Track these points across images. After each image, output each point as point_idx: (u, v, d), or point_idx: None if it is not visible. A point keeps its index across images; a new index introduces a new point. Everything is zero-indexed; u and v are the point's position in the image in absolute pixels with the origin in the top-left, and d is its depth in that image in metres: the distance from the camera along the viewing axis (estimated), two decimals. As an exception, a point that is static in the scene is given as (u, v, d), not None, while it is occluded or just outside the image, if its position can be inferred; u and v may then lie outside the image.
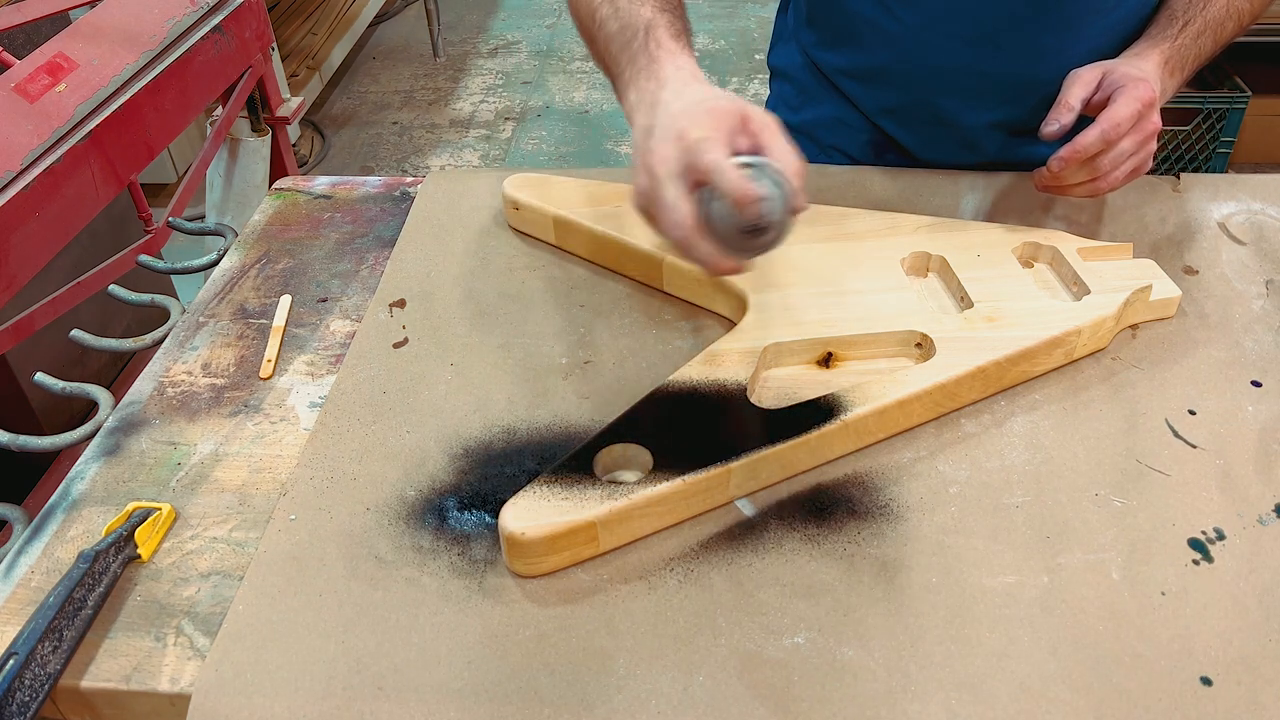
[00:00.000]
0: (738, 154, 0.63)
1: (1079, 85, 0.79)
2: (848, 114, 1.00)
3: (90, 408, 0.78)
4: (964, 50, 0.89)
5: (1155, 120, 0.77)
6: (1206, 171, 2.42)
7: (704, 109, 0.63)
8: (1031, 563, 0.62)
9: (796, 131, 1.05)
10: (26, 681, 0.53)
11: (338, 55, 3.00)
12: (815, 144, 1.04)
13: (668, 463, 0.63)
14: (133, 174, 1.23)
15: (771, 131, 0.64)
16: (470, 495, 0.67)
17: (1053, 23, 0.87)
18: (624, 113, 0.71)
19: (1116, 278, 0.78)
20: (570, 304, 0.83)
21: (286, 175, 1.43)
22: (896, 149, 1.00)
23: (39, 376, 0.82)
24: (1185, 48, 0.83)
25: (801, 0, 1.01)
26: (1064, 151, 0.76)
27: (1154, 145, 0.78)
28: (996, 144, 0.96)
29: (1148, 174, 0.91)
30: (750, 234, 0.62)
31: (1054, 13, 0.86)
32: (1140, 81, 0.76)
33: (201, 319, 0.85)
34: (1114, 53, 0.86)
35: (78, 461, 0.72)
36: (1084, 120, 0.79)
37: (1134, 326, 0.79)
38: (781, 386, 0.73)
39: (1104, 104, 0.77)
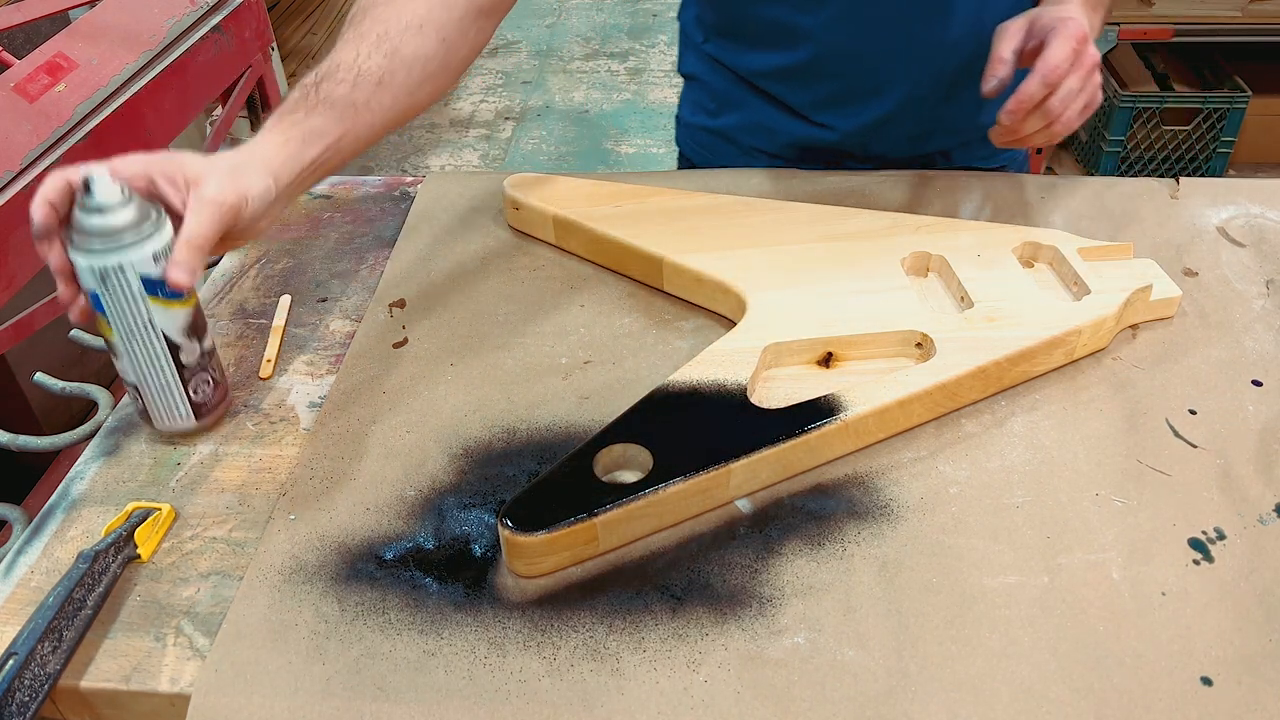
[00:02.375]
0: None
1: (1008, 38, 0.78)
2: (767, 115, 1.00)
3: (90, 408, 0.78)
4: (882, 31, 0.90)
5: (1092, 54, 0.76)
6: (1207, 171, 2.42)
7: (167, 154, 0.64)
8: (1032, 563, 0.61)
9: (717, 135, 1.05)
10: (26, 681, 0.53)
11: (337, 55, 2.99)
12: (736, 147, 1.05)
13: (668, 463, 0.63)
14: (132, 174, 1.23)
15: (200, 199, 0.62)
16: (470, 495, 0.67)
17: None
18: None
19: (1117, 277, 0.78)
20: (570, 304, 0.83)
21: (286, 175, 1.43)
22: (819, 148, 1.00)
23: (39, 376, 0.81)
24: None
25: (707, 11, 1.01)
26: (1010, 104, 0.76)
27: (1098, 78, 0.78)
28: (928, 116, 0.96)
29: (1146, 178, 0.92)
30: (90, 218, 0.61)
31: None
32: (1068, 20, 0.76)
33: (201, 319, 0.85)
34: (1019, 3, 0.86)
35: (77, 461, 0.72)
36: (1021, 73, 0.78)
37: (1134, 326, 0.79)
38: (781, 386, 0.73)
39: (1037, 51, 0.77)
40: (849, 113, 0.96)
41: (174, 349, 0.67)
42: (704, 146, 1.08)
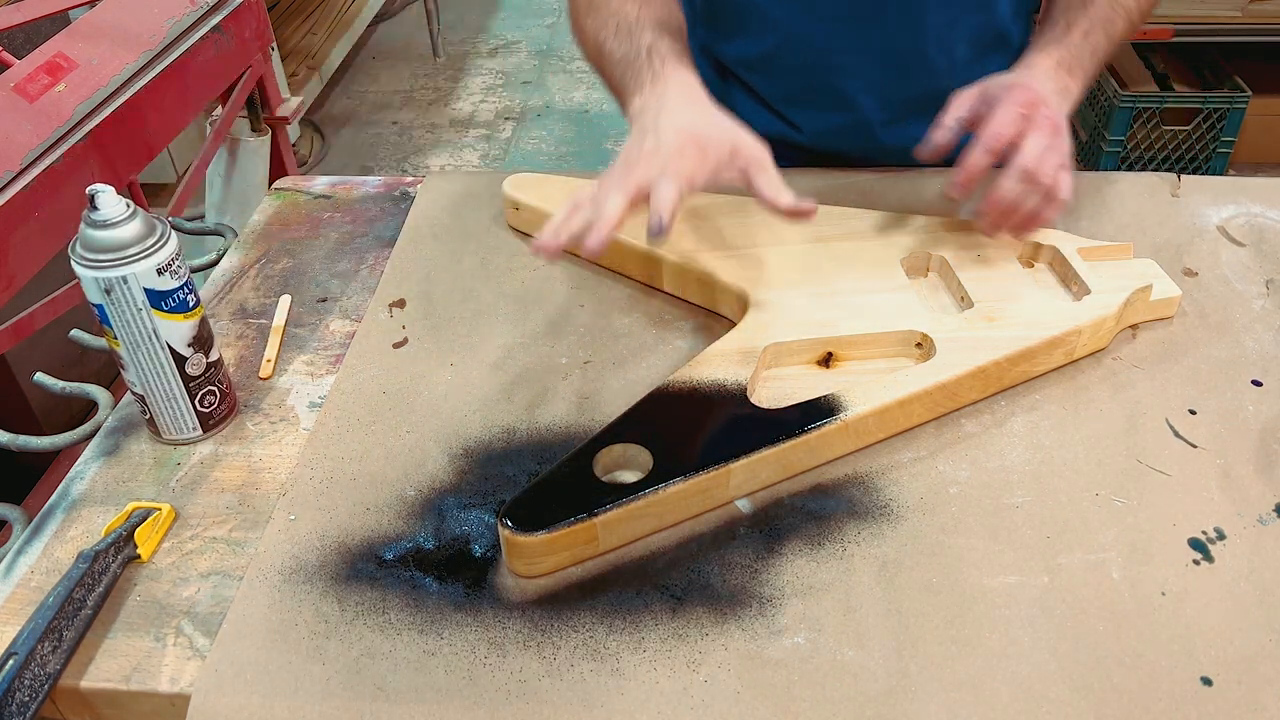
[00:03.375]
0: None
1: (955, 105, 0.78)
2: (744, 106, 1.01)
3: (90, 408, 0.78)
4: (849, 29, 0.90)
5: (1046, 115, 0.75)
6: (1207, 171, 2.42)
7: (697, 141, 0.70)
8: (1032, 563, 0.61)
9: None
10: (26, 681, 0.53)
11: (337, 55, 2.99)
12: None
13: (668, 463, 0.63)
14: (132, 174, 1.23)
15: (759, 165, 0.69)
16: (470, 495, 0.67)
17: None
18: (629, 118, 0.77)
19: (1117, 277, 0.78)
20: (570, 304, 0.83)
21: (286, 175, 1.43)
22: (791, 144, 0.99)
23: (39, 376, 0.81)
24: (1076, 46, 0.82)
25: None
26: (957, 176, 0.75)
27: (1066, 143, 0.76)
28: (899, 133, 0.95)
29: (1146, 174, 0.92)
30: None
31: None
32: (1014, 88, 0.75)
33: (201, 319, 0.85)
34: (996, 27, 0.87)
35: (77, 461, 0.72)
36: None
37: (1134, 326, 0.79)
38: (781, 386, 0.73)
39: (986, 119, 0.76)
40: (816, 114, 0.97)
41: (179, 360, 0.67)
42: None
